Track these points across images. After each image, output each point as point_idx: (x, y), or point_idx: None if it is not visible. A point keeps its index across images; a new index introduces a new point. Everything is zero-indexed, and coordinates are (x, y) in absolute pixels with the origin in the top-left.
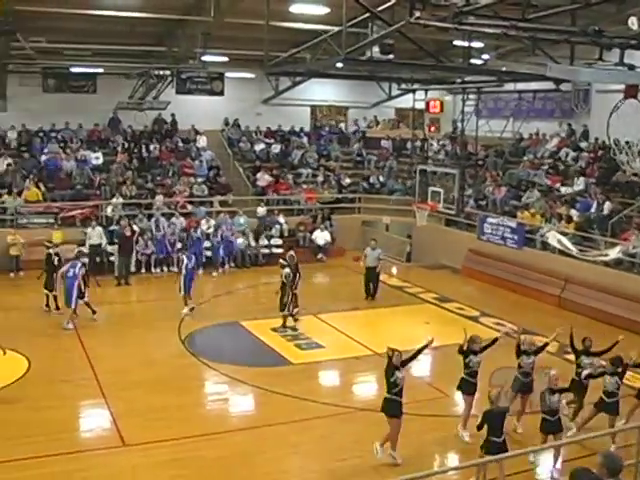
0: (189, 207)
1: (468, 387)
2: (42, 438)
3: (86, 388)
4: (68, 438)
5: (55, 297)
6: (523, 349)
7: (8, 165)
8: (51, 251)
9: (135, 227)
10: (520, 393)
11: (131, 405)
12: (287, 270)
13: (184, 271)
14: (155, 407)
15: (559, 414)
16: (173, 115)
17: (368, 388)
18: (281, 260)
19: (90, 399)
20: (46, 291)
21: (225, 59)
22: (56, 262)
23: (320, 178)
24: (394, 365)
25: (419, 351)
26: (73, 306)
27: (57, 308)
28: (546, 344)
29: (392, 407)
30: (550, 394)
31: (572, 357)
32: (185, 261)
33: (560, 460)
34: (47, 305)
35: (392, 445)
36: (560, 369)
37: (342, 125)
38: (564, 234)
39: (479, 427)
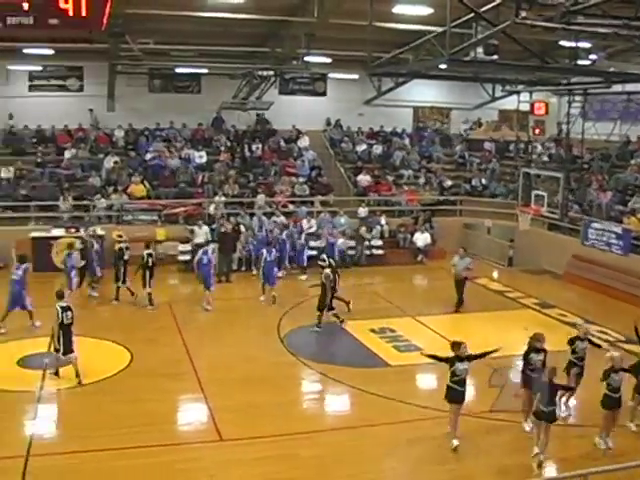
0: (290, 207)
1: (529, 382)
2: (143, 429)
3: (185, 382)
4: (168, 430)
5: (124, 288)
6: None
7: (115, 163)
8: (122, 245)
9: (242, 226)
10: (575, 377)
11: (228, 401)
12: (327, 271)
13: (263, 263)
14: (252, 404)
15: (621, 392)
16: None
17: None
18: (320, 262)
19: (189, 393)
20: (117, 284)
21: (328, 60)
22: (127, 256)
23: (422, 180)
24: (457, 356)
25: (486, 353)
26: (213, 289)
27: (132, 294)
28: (599, 345)
29: (450, 394)
30: (614, 373)
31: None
32: (264, 254)
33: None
34: (117, 298)
35: (451, 429)
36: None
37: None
38: None
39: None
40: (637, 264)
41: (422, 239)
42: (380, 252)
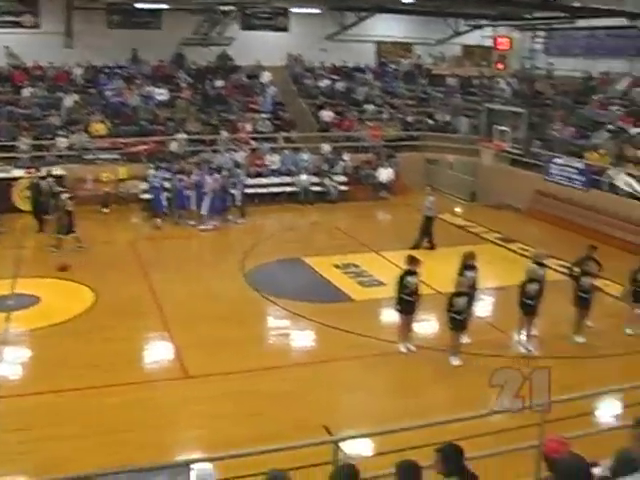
0: (253, 143)
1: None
2: (110, 368)
3: (150, 320)
4: (135, 369)
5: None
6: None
7: (75, 102)
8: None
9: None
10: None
11: (194, 338)
12: None
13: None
14: (218, 340)
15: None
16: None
17: (428, 326)
18: None
19: (155, 331)
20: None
21: None
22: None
23: (385, 115)
24: (409, 270)
25: None
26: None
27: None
28: None
29: (401, 305)
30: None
31: None
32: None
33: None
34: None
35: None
36: None
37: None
38: (633, 177)
39: None
40: (597, 199)
41: (385, 174)
42: (343, 188)
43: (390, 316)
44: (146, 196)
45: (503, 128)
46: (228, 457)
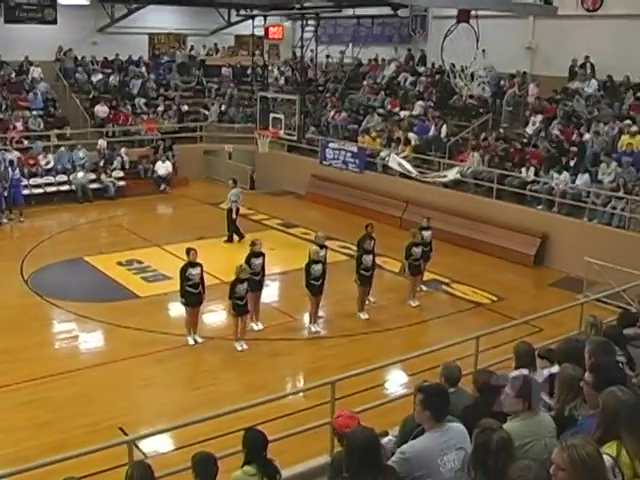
0: (25, 142)
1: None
2: None
3: None
4: None
5: None
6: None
7: None
8: None
9: None
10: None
11: None
12: None
13: None
14: (1, 350)
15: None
16: None
17: (216, 316)
18: None
19: None
20: None
21: None
22: None
23: (160, 108)
24: (190, 262)
25: None
26: None
27: None
28: None
29: (187, 298)
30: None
31: None
32: None
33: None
34: None
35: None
36: None
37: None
38: (404, 157)
39: None
40: (373, 180)
41: (164, 168)
42: (122, 184)
43: (177, 310)
44: None
45: (277, 115)
46: (18, 472)
